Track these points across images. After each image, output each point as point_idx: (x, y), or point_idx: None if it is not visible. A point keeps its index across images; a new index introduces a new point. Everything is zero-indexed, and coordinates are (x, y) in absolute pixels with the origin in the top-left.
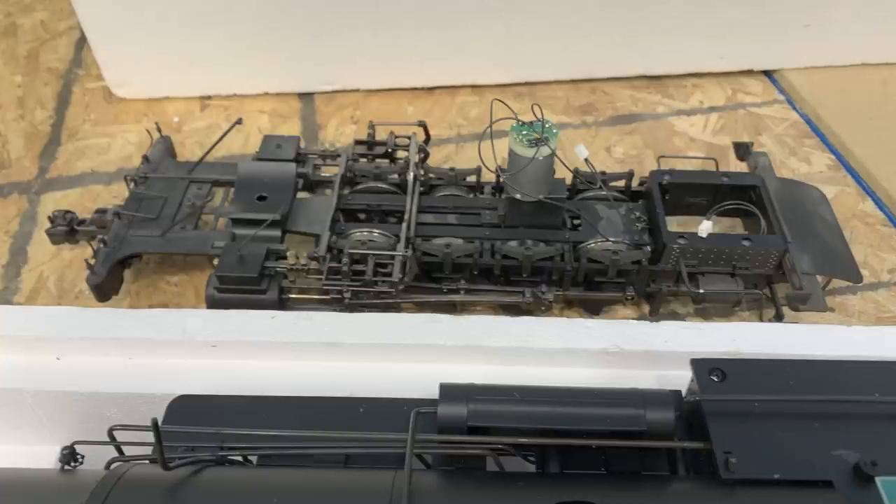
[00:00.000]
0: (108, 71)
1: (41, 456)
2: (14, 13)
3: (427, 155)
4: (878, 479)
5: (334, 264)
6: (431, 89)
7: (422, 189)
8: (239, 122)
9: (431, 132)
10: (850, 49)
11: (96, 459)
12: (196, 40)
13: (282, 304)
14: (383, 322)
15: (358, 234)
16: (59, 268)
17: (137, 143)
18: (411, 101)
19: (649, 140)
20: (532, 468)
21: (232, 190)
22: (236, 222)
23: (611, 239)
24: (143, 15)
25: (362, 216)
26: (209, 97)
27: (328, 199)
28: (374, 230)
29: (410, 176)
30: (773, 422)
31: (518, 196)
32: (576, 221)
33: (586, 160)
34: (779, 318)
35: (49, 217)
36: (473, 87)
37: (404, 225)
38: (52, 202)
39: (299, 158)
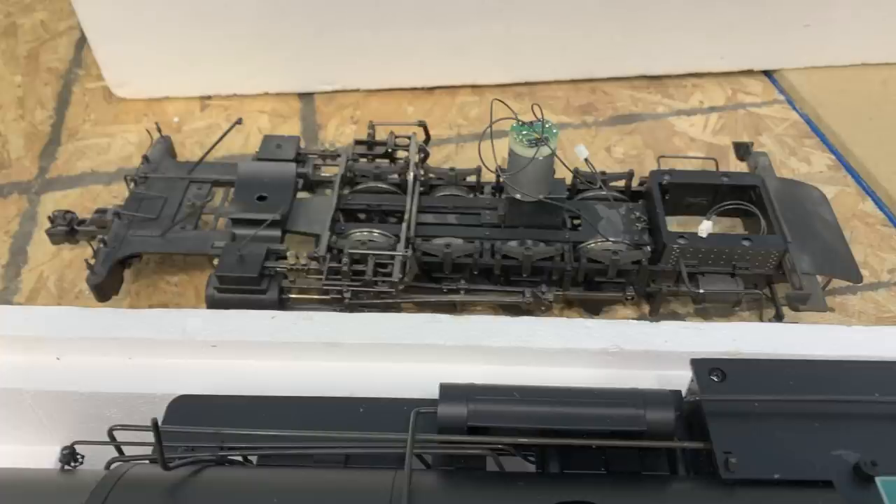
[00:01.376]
0: (108, 71)
1: (41, 456)
2: (14, 13)
3: (427, 155)
4: (878, 479)
5: (334, 264)
6: (431, 89)
7: (422, 189)
8: (239, 122)
9: (431, 132)
10: (850, 49)
11: (96, 459)
12: (196, 40)
13: (282, 304)
14: (383, 322)
15: (358, 234)
16: (59, 268)
17: (137, 143)
18: (411, 101)
19: (649, 140)
20: (532, 468)
21: (232, 190)
22: (236, 222)
23: (611, 239)
24: (143, 15)
25: (362, 216)
26: (209, 97)
27: (328, 199)
28: (374, 230)
29: (410, 176)
30: (773, 422)
31: (518, 196)
32: (576, 221)
33: (586, 160)
34: (779, 318)
35: (49, 217)
36: (473, 87)
37: (404, 225)
38: (52, 202)
39: (299, 158)
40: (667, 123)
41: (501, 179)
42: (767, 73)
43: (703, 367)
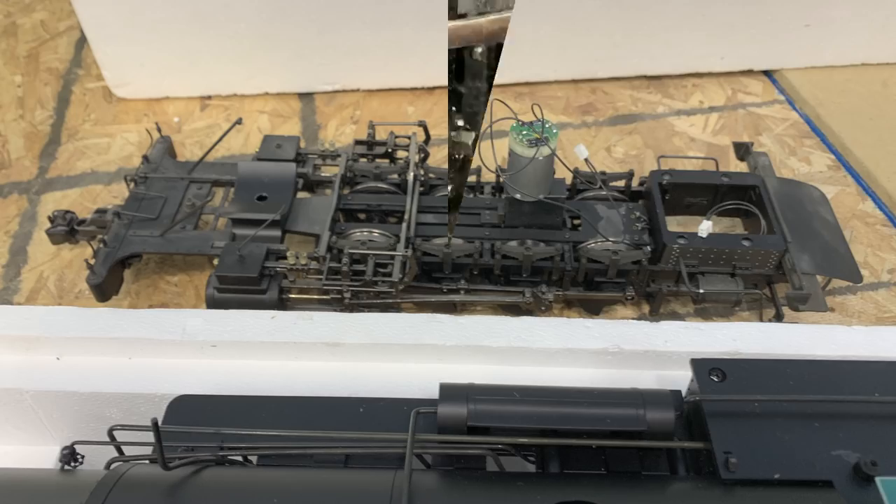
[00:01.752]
0: (108, 71)
1: (41, 456)
2: (14, 13)
3: (427, 155)
4: (878, 479)
5: (334, 264)
6: (431, 89)
7: (422, 189)
8: (239, 122)
9: (431, 132)
10: (850, 49)
11: (96, 459)
12: (196, 40)
13: (282, 304)
14: (383, 322)
15: (358, 234)
16: (59, 268)
17: (137, 143)
18: (411, 101)
19: (649, 140)
20: (532, 468)
21: (232, 190)
22: (236, 222)
23: (611, 239)
24: (144, 15)
25: (362, 216)
26: (209, 97)
27: (328, 199)
28: (374, 230)
29: (410, 176)
30: (773, 422)
31: (518, 196)
32: (576, 221)
33: (586, 160)
34: (779, 318)
35: (49, 217)
36: None
37: (404, 225)
38: (52, 202)
39: (299, 158)
40: (667, 123)
41: (501, 179)
42: (767, 73)
43: (703, 367)
